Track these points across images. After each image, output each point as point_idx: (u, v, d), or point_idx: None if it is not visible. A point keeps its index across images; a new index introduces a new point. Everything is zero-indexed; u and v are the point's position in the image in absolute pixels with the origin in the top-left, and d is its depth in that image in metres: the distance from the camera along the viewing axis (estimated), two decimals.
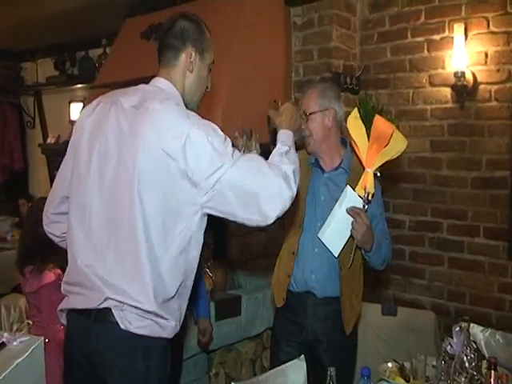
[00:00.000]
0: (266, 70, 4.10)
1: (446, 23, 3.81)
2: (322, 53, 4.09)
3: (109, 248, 1.88)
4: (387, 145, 2.51)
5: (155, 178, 1.83)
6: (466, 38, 3.68)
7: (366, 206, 2.52)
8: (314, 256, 2.72)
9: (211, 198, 1.84)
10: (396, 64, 4.09)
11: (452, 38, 3.73)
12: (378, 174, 2.57)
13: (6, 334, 1.79)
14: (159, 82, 2.06)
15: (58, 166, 2.13)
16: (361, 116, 2.61)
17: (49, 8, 5.09)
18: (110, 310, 1.84)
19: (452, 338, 2.23)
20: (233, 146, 1.92)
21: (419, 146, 4.01)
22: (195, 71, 2.09)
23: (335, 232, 2.57)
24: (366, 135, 2.55)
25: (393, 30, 4.09)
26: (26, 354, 1.73)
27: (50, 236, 2.18)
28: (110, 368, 1.86)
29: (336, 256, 2.62)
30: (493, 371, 2.04)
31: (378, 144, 2.51)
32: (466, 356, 2.15)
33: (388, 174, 4.13)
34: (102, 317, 1.86)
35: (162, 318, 1.89)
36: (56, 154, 5.52)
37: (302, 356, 2.38)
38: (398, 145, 2.54)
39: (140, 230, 1.83)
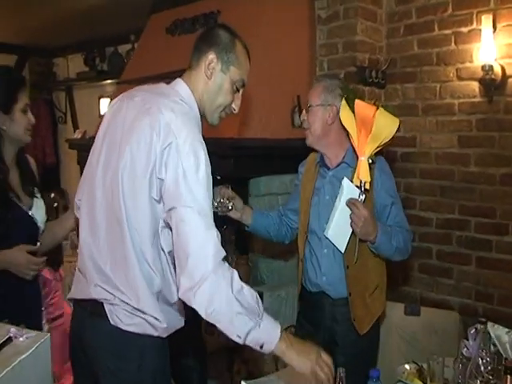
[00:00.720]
0: (290, 64, 4.04)
1: (474, 15, 3.68)
2: (347, 46, 4.00)
3: (105, 237, 1.90)
4: (372, 129, 2.41)
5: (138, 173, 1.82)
6: (494, 30, 3.55)
7: (363, 196, 2.45)
8: (323, 257, 2.70)
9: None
10: (423, 57, 3.98)
11: (480, 30, 3.61)
12: (370, 161, 2.46)
13: (13, 329, 1.79)
14: (177, 85, 2.03)
15: (85, 161, 2.14)
16: (348, 104, 2.51)
17: (78, 5, 5.13)
18: (102, 304, 1.86)
19: (468, 339, 2.15)
20: None
21: (447, 141, 3.90)
22: (214, 80, 2.02)
23: (338, 227, 2.52)
24: (355, 124, 2.49)
25: (420, 23, 3.98)
26: (31, 351, 1.71)
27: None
28: (103, 368, 1.87)
29: (342, 252, 2.57)
30: (509, 376, 1.94)
31: (364, 129, 2.43)
32: (482, 359, 2.06)
33: (415, 170, 4.06)
34: (96, 310, 1.88)
35: (152, 316, 1.87)
36: (83, 149, 5.57)
37: None
38: (387, 126, 2.43)
39: (124, 222, 1.84)
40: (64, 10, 5.44)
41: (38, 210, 2.54)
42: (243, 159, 3.55)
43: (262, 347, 1.75)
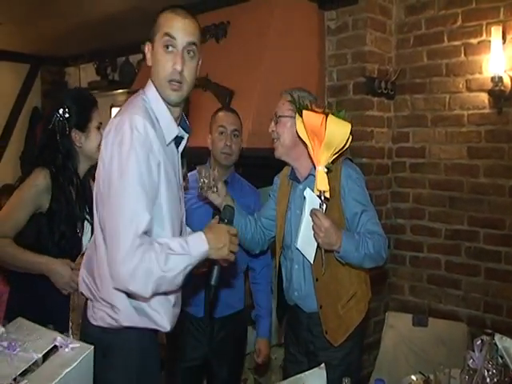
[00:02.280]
0: (299, 75, 4.05)
1: (484, 26, 3.70)
2: (356, 57, 4.02)
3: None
4: (324, 137, 2.37)
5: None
6: (503, 42, 3.56)
7: (324, 206, 2.41)
8: (294, 273, 2.69)
9: None
10: (432, 68, 3.99)
11: (489, 41, 3.62)
12: (326, 170, 2.41)
13: (59, 338, 1.79)
14: (146, 85, 2.07)
15: None
16: (300, 116, 2.46)
17: (90, 15, 5.17)
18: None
19: (474, 351, 2.14)
20: None
21: (456, 152, 3.90)
22: (151, 61, 2.02)
23: (306, 238, 2.48)
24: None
25: (429, 34, 3.99)
26: (75, 364, 1.71)
27: None
28: None
29: (311, 262, 2.53)
30: None
31: (317, 138, 2.39)
32: (488, 371, 2.05)
33: (424, 181, 4.05)
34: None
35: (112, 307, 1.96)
36: None
37: (323, 365, 2.32)
38: (338, 132, 2.37)
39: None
40: (76, 20, 5.47)
41: (86, 234, 2.66)
42: (252, 169, 3.56)
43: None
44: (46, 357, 1.73)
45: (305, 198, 2.48)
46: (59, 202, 2.55)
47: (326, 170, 2.42)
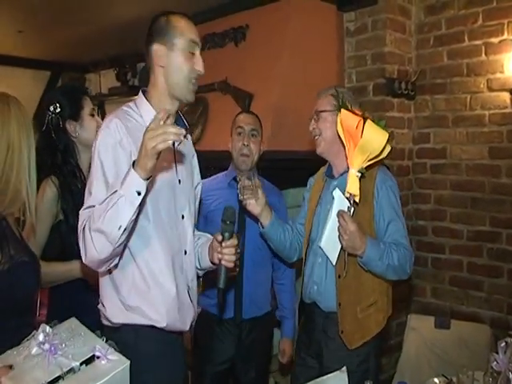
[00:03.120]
0: (318, 77, 4.05)
1: (505, 25, 3.67)
2: (376, 58, 4.01)
3: None
4: (360, 140, 2.34)
5: None
6: None
7: (352, 209, 2.38)
8: (316, 266, 2.65)
9: None
10: (453, 68, 3.97)
11: (511, 40, 3.60)
12: (358, 174, 2.37)
13: (98, 347, 1.77)
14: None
15: None
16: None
17: (110, 22, 5.21)
18: None
19: (498, 353, 2.10)
20: None
21: (477, 153, 3.86)
22: (168, 63, 2.09)
23: (330, 238, 2.46)
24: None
25: (449, 34, 3.97)
26: (106, 379, 1.69)
27: None
28: None
29: (333, 263, 2.51)
30: None
31: (353, 140, 2.37)
32: None
33: (445, 182, 4.02)
34: None
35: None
36: None
37: (344, 368, 2.30)
38: (374, 139, 2.34)
39: None
40: (96, 27, 5.52)
41: None
42: (271, 171, 3.55)
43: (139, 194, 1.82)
44: (83, 364, 1.72)
45: (333, 197, 2.46)
46: (67, 203, 2.55)
47: (358, 174, 2.38)
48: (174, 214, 2.15)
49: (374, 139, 2.35)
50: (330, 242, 2.49)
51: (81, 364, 1.70)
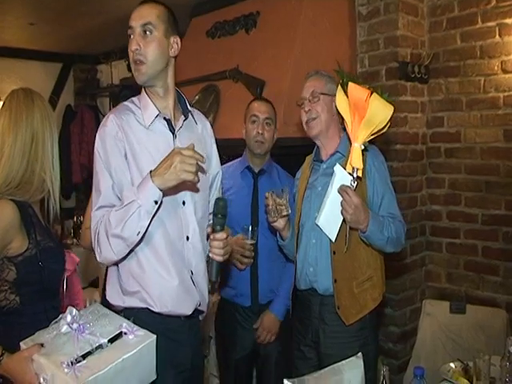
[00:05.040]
0: (330, 62, 3.97)
1: None
2: (389, 42, 3.95)
3: None
4: (366, 113, 2.34)
5: None
6: None
7: (355, 183, 2.38)
8: (311, 248, 2.64)
9: None
10: (466, 51, 3.90)
11: None
12: (363, 147, 2.38)
13: (125, 324, 1.86)
14: None
15: None
16: (343, 89, 2.45)
17: (120, 12, 5.21)
18: None
19: None
20: None
21: (492, 135, 3.80)
22: None
23: (329, 215, 2.45)
24: (349, 108, 2.42)
25: (462, 16, 3.90)
26: (135, 351, 1.78)
27: None
28: None
29: (333, 240, 2.50)
30: None
31: (358, 114, 2.36)
32: None
33: (460, 166, 3.97)
34: None
35: None
36: None
37: (360, 354, 2.29)
38: (380, 112, 2.35)
39: None
40: (106, 18, 5.54)
41: None
42: (283, 158, 3.54)
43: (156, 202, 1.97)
44: (111, 341, 1.80)
45: (333, 173, 2.44)
46: None
47: (363, 147, 2.40)
48: (172, 201, 2.17)
49: (381, 112, 2.36)
50: (329, 219, 2.47)
51: (109, 341, 1.79)
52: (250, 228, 2.93)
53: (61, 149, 2.30)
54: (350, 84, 2.39)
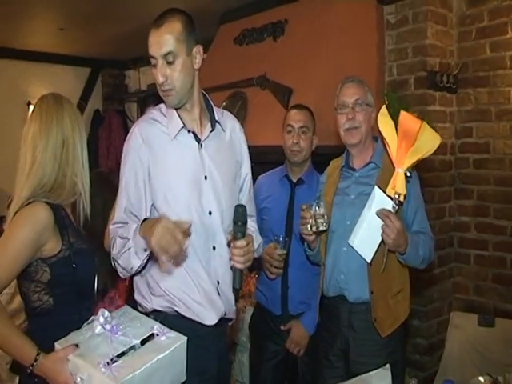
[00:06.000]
0: (358, 71, 3.97)
1: None
2: (417, 51, 3.93)
3: None
4: (415, 142, 2.35)
5: None
6: None
7: (397, 207, 2.38)
8: (342, 256, 2.61)
9: None
10: (496, 61, 3.86)
11: None
12: (408, 174, 2.39)
13: (156, 326, 1.90)
14: None
15: None
16: (389, 113, 2.44)
17: (149, 19, 5.23)
18: None
19: None
20: None
21: None
22: None
23: (366, 237, 2.45)
24: (395, 133, 2.41)
25: (492, 26, 3.86)
26: (167, 352, 1.82)
27: None
28: None
29: (368, 262, 2.49)
30: None
31: (406, 142, 2.36)
32: None
33: (489, 177, 3.93)
34: None
35: None
36: None
37: (388, 365, 2.29)
38: (429, 142, 2.37)
39: None
40: (135, 24, 5.57)
41: None
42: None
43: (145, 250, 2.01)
44: (143, 342, 1.84)
45: (372, 196, 2.44)
46: None
47: (408, 174, 2.40)
48: (198, 211, 2.17)
49: (430, 142, 2.38)
50: (365, 241, 2.47)
51: (141, 342, 1.83)
52: (282, 238, 2.92)
53: (89, 153, 2.32)
54: (403, 113, 2.39)
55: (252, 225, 2.41)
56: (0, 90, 6.74)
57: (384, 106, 2.48)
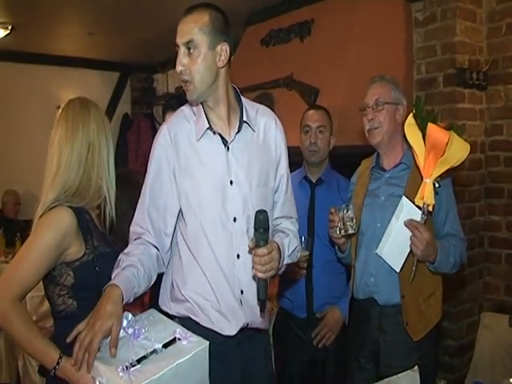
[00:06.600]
0: (386, 69, 3.91)
1: None
2: (446, 48, 3.89)
3: None
4: (444, 153, 2.30)
5: None
6: None
7: (425, 218, 2.34)
8: (372, 258, 2.56)
9: None
10: None
11: None
12: (437, 185, 2.34)
13: (178, 330, 1.88)
14: None
15: None
16: (417, 122, 2.39)
17: (175, 22, 5.26)
18: None
19: None
20: None
21: None
22: None
23: (394, 247, 2.42)
24: (422, 143, 2.36)
25: None
26: (188, 357, 1.79)
27: None
28: None
29: (397, 271, 2.46)
30: None
31: (434, 153, 2.31)
32: None
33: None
34: None
35: None
36: None
37: (416, 367, 2.24)
38: (458, 152, 2.32)
39: None
40: (162, 27, 5.60)
41: None
42: (340, 166, 3.50)
43: None
44: (165, 346, 1.81)
45: (400, 205, 2.41)
46: None
47: (437, 185, 2.36)
48: (222, 217, 2.10)
49: (458, 152, 2.33)
50: (393, 250, 2.45)
51: (163, 346, 1.80)
52: (304, 239, 2.89)
53: (118, 156, 2.33)
54: (430, 125, 2.34)
55: (289, 227, 2.30)
56: (31, 94, 6.85)
57: (411, 115, 2.43)
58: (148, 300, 2.90)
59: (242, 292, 2.13)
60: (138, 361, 1.73)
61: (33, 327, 1.93)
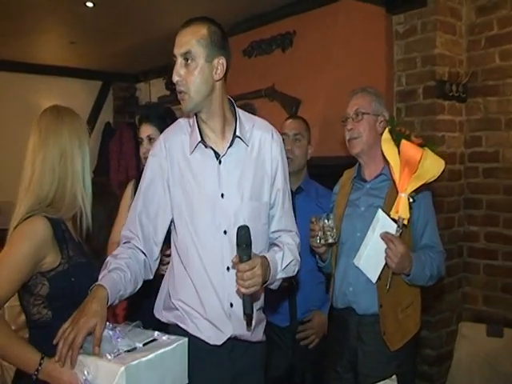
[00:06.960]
0: (367, 81, 3.96)
1: None
2: (426, 60, 3.94)
3: None
4: (417, 170, 2.35)
5: None
6: None
7: (400, 231, 2.38)
8: (351, 268, 2.58)
9: None
10: (505, 69, 3.85)
11: None
12: (411, 200, 2.38)
13: (157, 333, 1.93)
14: None
15: None
16: (392, 138, 2.43)
17: (158, 32, 5.29)
18: None
19: None
20: None
21: None
22: None
23: (371, 258, 2.45)
24: (398, 158, 2.40)
25: (502, 34, 3.85)
26: (171, 347, 1.86)
27: None
28: None
29: (374, 282, 2.48)
30: None
31: (409, 168, 2.35)
32: None
33: (498, 186, 3.90)
34: None
35: None
36: None
37: (394, 376, 2.25)
38: (432, 168, 2.37)
39: None
40: (145, 37, 5.62)
41: None
42: (320, 177, 3.52)
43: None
44: (145, 345, 1.85)
45: (376, 218, 2.44)
46: None
47: (411, 200, 2.40)
48: (212, 229, 2.11)
49: (433, 168, 2.38)
50: (370, 262, 2.48)
51: (143, 345, 1.84)
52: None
53: (100, 165, 2.31)
54: (404, 142, 2.38)
55: (287, 241, 2.27)
56: (12, 103, 6.79)
57: (387, 130, 2.46)
58: (121, 310, 2.88)
59: (231, 305, 2.13)
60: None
61: (11, 334, 1.91)
